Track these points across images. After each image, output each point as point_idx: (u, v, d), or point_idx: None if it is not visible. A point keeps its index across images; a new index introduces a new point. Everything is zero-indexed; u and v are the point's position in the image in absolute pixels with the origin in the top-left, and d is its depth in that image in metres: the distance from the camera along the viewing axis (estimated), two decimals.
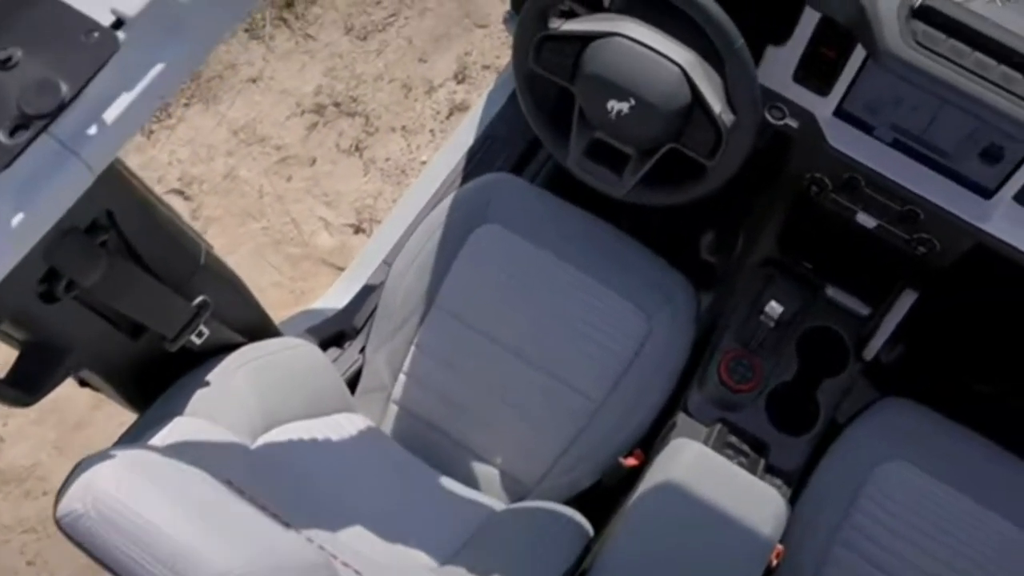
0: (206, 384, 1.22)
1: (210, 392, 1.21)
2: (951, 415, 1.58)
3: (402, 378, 1.64)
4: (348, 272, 1.91)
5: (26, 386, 1.04)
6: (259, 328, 1.39)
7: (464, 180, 1.89)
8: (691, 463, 1.42)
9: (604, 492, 1.58)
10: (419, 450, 1.57)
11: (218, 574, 0.87)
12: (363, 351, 1.69)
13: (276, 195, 2.51)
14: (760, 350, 1.64)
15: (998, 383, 1.90)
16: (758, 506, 1.38)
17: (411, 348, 1.64)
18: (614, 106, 1.35)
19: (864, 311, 1.72)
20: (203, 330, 1.21)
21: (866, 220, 1.55)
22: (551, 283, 1.63)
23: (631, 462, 1.54)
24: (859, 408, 1.62)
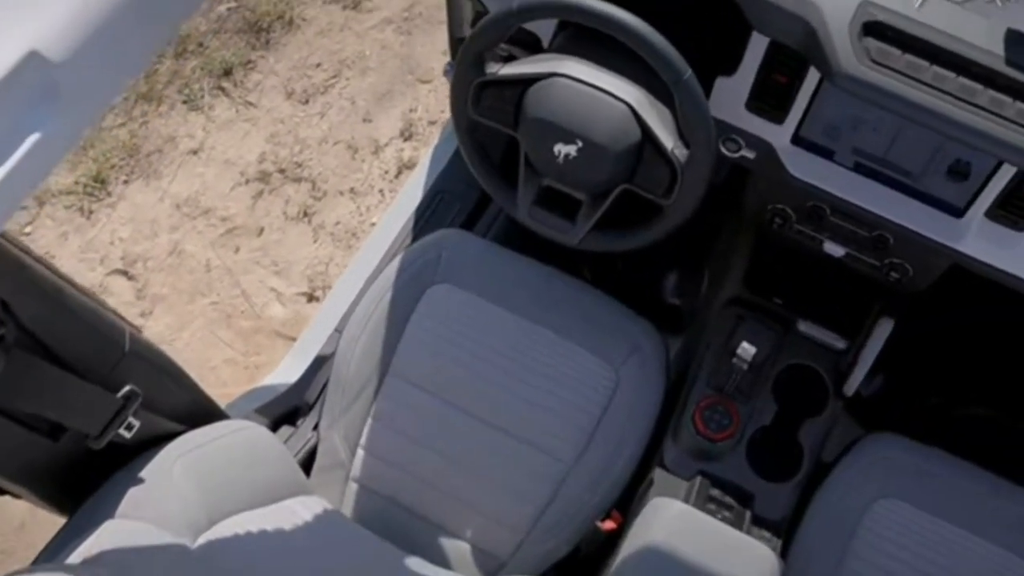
0: (140, 481, 1.13)
1: (145, 489, 1.12)
2: (939, 443, 1.53)
3: (360, 453, 1.54)
4: (299, 344, 1.83)
5: None
6: (199, 413, 1.30)
7: (415, 239, 1.82)
8: (673, 524, 1.34)
9: (583, 560, 1.49)
10: (383, 530, 1.47)
11: None
12: (317, 427, 1.60)
13: (224, 268, 2.42)
14: (736, 395, 1.58)
15: (985, 406, 1.86)
16: (749, 565, 1.30)
17: (368, 420, 1.55)
18: (561, 150, 1.29)
19: (840, 344, 1.66)
20: (133, 422, 1.12)
21: (834, 249, 1.50)
22: (510, 341, 1.55)
23: (609, 525, 1.46)
24: (844, 447, 1.55)
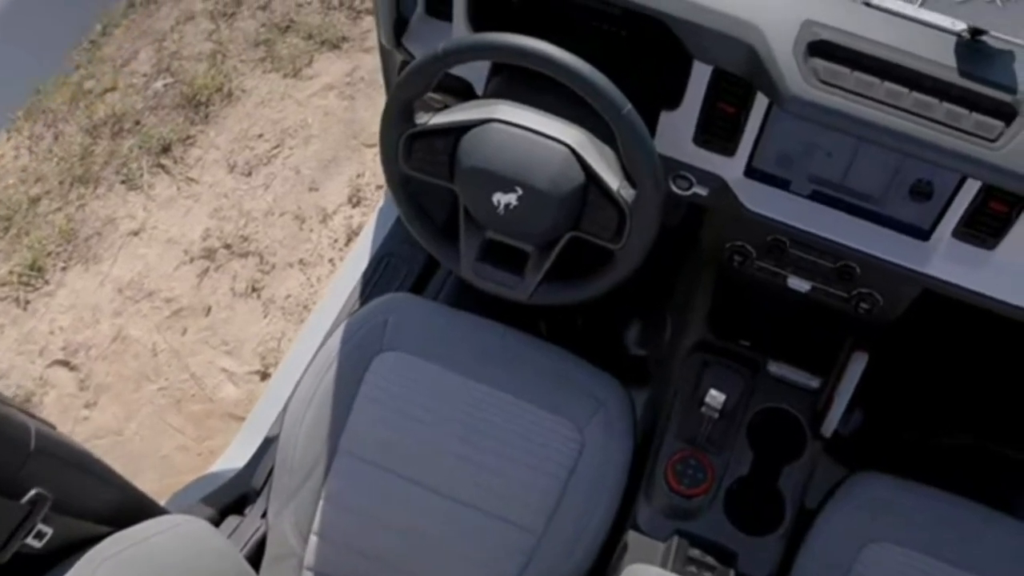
0: None
1: None
2: (925, 477, 1.46)
3: (313, 539, 1.43)
4: (246, 426, 1.73)
5: None
6: (129, 511, 1.20)
7: (362, 306, 1.73)
8: None
9: None
10: None
11: None
12: (265, 515, 1.48)
13: (172, 351, 2.32)
14: (708, 446, 1.50)
15: (970, 434, 1.80)
16: None
17: (319, 503, 1.44)
18: (500, 199, 1.22)
19: (814, 383, 1.59)
20: (44, 530, 1.01)
21: (799, 284, 1.45)
22: (467, 408, 1.46)
23: None
24: (827, 491, 1.47)
